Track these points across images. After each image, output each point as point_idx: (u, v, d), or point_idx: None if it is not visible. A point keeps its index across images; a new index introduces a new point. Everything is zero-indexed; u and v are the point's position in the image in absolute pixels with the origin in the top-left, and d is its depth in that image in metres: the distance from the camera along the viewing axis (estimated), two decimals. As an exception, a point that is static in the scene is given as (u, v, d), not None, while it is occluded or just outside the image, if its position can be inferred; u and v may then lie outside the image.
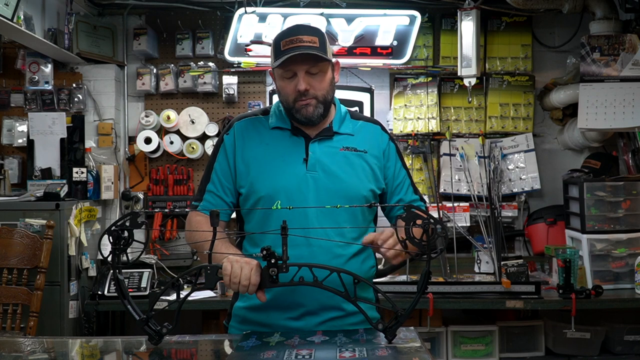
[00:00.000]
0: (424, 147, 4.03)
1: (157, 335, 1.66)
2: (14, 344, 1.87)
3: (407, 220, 1.58)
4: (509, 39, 4.11)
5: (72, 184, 3.68)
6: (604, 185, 3.61)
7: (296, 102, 1.87)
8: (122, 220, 1.64)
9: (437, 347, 3.63)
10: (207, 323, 3.81)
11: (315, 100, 1.87)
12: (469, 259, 3.98)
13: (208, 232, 1.75)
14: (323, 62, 1.86)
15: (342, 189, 1.88)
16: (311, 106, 1.87)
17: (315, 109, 1.88)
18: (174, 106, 4.10)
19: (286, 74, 1.87)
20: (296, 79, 1.86)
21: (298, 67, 1.84)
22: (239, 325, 1.92)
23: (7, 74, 4.01)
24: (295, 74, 1.85)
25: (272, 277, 1.60)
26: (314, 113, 1.88)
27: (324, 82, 1.89)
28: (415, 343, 1.61)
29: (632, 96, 3.59)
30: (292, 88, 1.87)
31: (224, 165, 1.96)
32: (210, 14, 4.10)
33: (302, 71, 1.85)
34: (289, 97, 1.88)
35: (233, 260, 1.66)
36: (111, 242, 1.64)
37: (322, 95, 1.89)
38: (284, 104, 1.93)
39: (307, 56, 1.83)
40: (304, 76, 1.85)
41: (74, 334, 3.43)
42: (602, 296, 3.38)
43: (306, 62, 1.84)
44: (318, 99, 1.88)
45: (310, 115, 1.88)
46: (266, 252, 1.58)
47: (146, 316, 1.65)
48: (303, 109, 1.87)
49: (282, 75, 1.88)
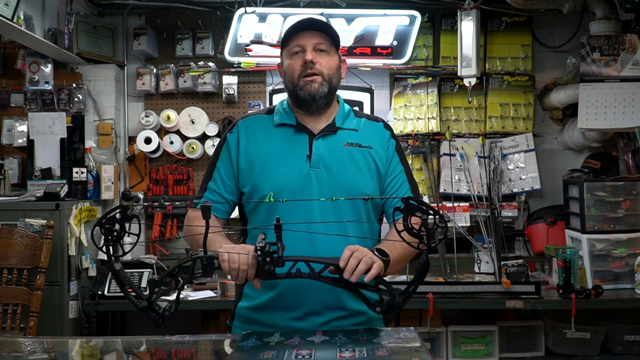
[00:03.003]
0: (424, 147, 4.03)
1: (159, 317, 1.66)
2: (14, 344, 1.87)
3: (405, 213, 1.57)
4: (509, 39, 4.11)
5: (72, 184, 3.68)
6: (604, 185, 3.61)
7: (301, 78, 1.88)
8: (111, 213, 1.63)
9: (437, 347, 3.63)
10: (207, 323, 3.81)
11: (321, 77, 1.89)
12: (469, 259, 3.98)
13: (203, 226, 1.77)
14: (330, 44, 1.90)
15: (345, 186, 1.87)
16: (316, 82, 1.88)
17: (320, 87, 1.89)
18: (174, 106, 4.10)
19: (294, 49, 1.89)
20: (304, 54, 1.88)
21: (307, 42, 1.88)
22: (243, 325, 1.92)
23: (7, 74, 4.01)
24: (304, 49, 1.88)
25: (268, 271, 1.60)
26: (319, 90, 1.88)
27: (330, 62, 1.91)
28: (415, 343, 1.60)
29: (632, 96, 3.60)
30: (298, 63, 1.89)
31: (227, 163, 1.96)
32: (210, 14, 4.10)
33: (310, 45, 1.88)
34: (295, 73, 1.89)
35: (229, 248, 1.67)
36: (103, 234, 1.63)
37: (328, 74, 1.90)
38: (289, 86, 1.93)
39: (316, 33, 1.88)
40: (312, 49, 1.88)
41: (74, 334, 3.43)
42: (602, 296, 3.38)
43: (315, 37, 1.88)
44: (324, 76, 1.89)
45: (314, 91, 1.88)
46: (260, 251, 1.58)
47: (147, 301, 1.64)
48: (308, 85, 1.88)
49: (290, 52, 1.91)
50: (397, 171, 1.98)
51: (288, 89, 1.95)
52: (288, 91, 1.96)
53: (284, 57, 1.95)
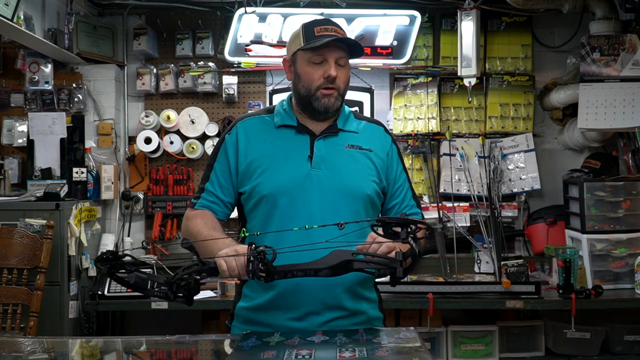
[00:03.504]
0: (424, 147, 4.03)
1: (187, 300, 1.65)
2: (14, 344, 1.87)
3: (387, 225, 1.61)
4: (509, 39, 4.11)
5: (72, 184, 3.68)
6: (604, 185, 3.61)
7: (319, 90, 1.88)
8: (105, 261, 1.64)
9: (437, 347, 3.63)
10: (207, 323, 3.81)
11: (337, 92, 1.89)
12: (469, 259, 3.98)
13: (202, 224, 1.86)
14: (349, 57, 1.90)
15: (346, 187, 1.88)
16: (333, 97, 1.89)
17: (336, 101, 1.90)
18: (174, 106, 4.10)
19: (316, 59, 1.87)
20: (325, 65, 1.87)
21: (331, 54, 1.86)
22: (242, 325, 1.92)
23: (7, 74, 4.01)
24: (325, 60, 1.87)
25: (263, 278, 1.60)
26: (335, 104, 1.89)
27: (346, 76, 1.92)
28: (415, 343, 1.60)
29: (632, 96, 3.59)
30: (319, 74, 1.87)
31: (224, 165, 1.95)
32: (210, 14, 4.10)
33: (334, 59, 1.87)
34: (314, 83, 1.88)
35: (224, 257, 1.66)
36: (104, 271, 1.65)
37: (343, 89, 1.92)
38: (301, 91, 1.91)
39: (340, 46, 1.87)
40: (334, 64, 1.87)
41: (74, 334, 3.43)
42: (602, 296, 3.38)
43: (339, 52, 1.87)
44: (340, 91, 1.90)
45: (330, 105, 1.89)
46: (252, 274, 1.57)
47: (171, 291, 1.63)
48: (325, 98, 1.88)
49: (310, 59, 1.88)
50: (402, 179, 2.02)
51: (300, 94, 1.92)
52: (299, 96, 1.93)
53: (301, 59, 1.90)
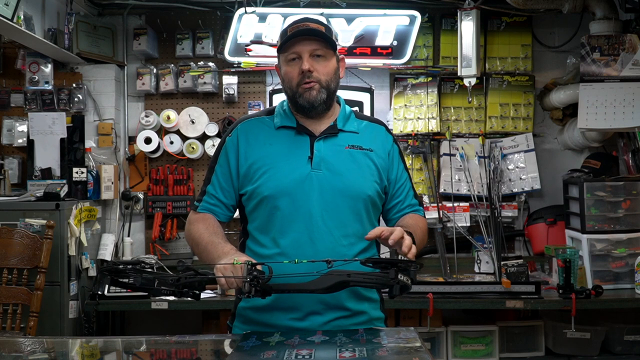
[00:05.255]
0: (424, 147, 4.03)
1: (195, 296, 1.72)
2: (14, 344, 1.87)
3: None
4: (509, 39, 4.11)
5: (72, 184, 3.68)
6: (604, 185, 3.61)
7: (299, 86, 1.88)
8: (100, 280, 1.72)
9: (437, 347, 3.63)
10: (207, 323, 3.81)
11: (319, 84, 1.88)
12: (469, 259, 3.98)
13: (203, 229, 1.88)
14: (327, 47, 1.89)
15: (346, 187, 1.88)
16: (314, 90, 1.88)
17: (319, 94, 1.89)
18: (174, 106, 4.10)
19: (290, 56, 1.89)
20: (300, 61, 1.87)
21: (303, 49, 1.87)
22: (243, 325, 1.92)
23: (7, 74, 4.01)
24: (300, 56, 1.87)
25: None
26: (317, 97, 1.88)
27: (327, 68, 1.90)
28: (415, 343, 1.61)
29: (632, 96, 3.60)
30: (296, 71, 1.88)
31: (225, 167, 1.96)
32: (210, 14, 4.10)
33: (307, 52, 1.87)
34: (293, 81, 1.89)
35: (222, 269, 1.67)
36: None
37: (326, 81, 1.90)
38: (288, 92, 1.93)
39: (312, 39, 1.86)
40: (308, 57, 1.87)
41: (74, 334, 3.43)
42: (602, 296, 3.38)
43: (311, 44, 1.87)
44: (321, 83, 1.89)
45: (313, 99, 1.88)
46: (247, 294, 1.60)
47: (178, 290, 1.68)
48: (306, 92, 1.88)
49: (287, 58, 1.90)
50: (403, 178, 2.02)
51: (287, 94, 1.95)
52: (287, 97, 1.96)
53: (281, 62, 1.94)
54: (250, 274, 1.60)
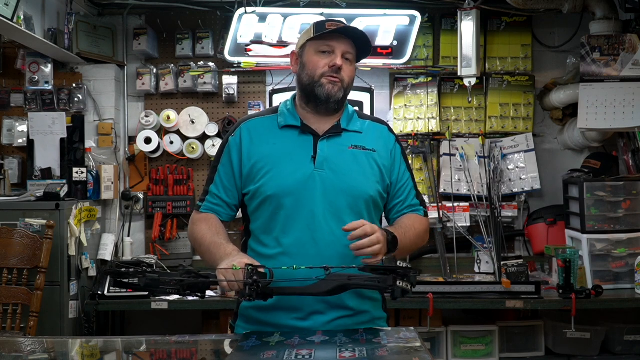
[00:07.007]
0: (424, 147, 4.03)
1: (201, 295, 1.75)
2: (14, 344, 1.87)
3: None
4: (509, 39, 4.11)
5: (72, 184, 3.68)
6: (604, 185, 3.61)
7: (324, 77, 1.90)
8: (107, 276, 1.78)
9: (437, 347, 3.63)
10: (207, 323, 3.81)
11: (342, 84, 1.92)
12: (469, 259, 3.98)
13: (206, 229, 1.89)
14: (355, 55, 1.94)
15: (349, 187, 1.88)
16: (337, 86, 1.91)
17: (339, 91, 1.92)
18: (174, 106, 4.10)
19: (324, 48, 1.90)
20: (332, 55, 1.90)
21: (339, 46, 1.90)
22: (246, 325, 1.92)
23: (7, 74, 4.01)
24: (333, 51, 1.90)
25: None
26: (337, 94, 1.91)
27: (351, 72, 1.95)
28: (415, 343, 1.61)
29: (632, 96, 3.60)
30: (325, 62, 1.90)
31: (228, 167, 1.96)
32: (210, 14, 4.10)
33: (341, 50, 1.90)
34: (318, 70, 1.90)
35: (224, 272, 1.68)
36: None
37: (347, 83, 1.94)
38: (305, 80, 1.93)
39: (348, 41, 1.91)
40: (341, 56, 1.90)
41: (74, 334, 3.43)
42: (602, 296, 3.38)
43: (347, 45, 1.91)
44: (344, 83, 1.92)
45: (333, 93, 1.91)
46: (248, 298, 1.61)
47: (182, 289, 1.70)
48: (329, 84, 1.90)
49: (318, 48, 1.91)
50: (406, 178, 2.03)
51: (303, 82, 1.95)
52: (301, 85, 1.96)
53: (307, 50, 1.94)
54: (250, 277, 1.61)
